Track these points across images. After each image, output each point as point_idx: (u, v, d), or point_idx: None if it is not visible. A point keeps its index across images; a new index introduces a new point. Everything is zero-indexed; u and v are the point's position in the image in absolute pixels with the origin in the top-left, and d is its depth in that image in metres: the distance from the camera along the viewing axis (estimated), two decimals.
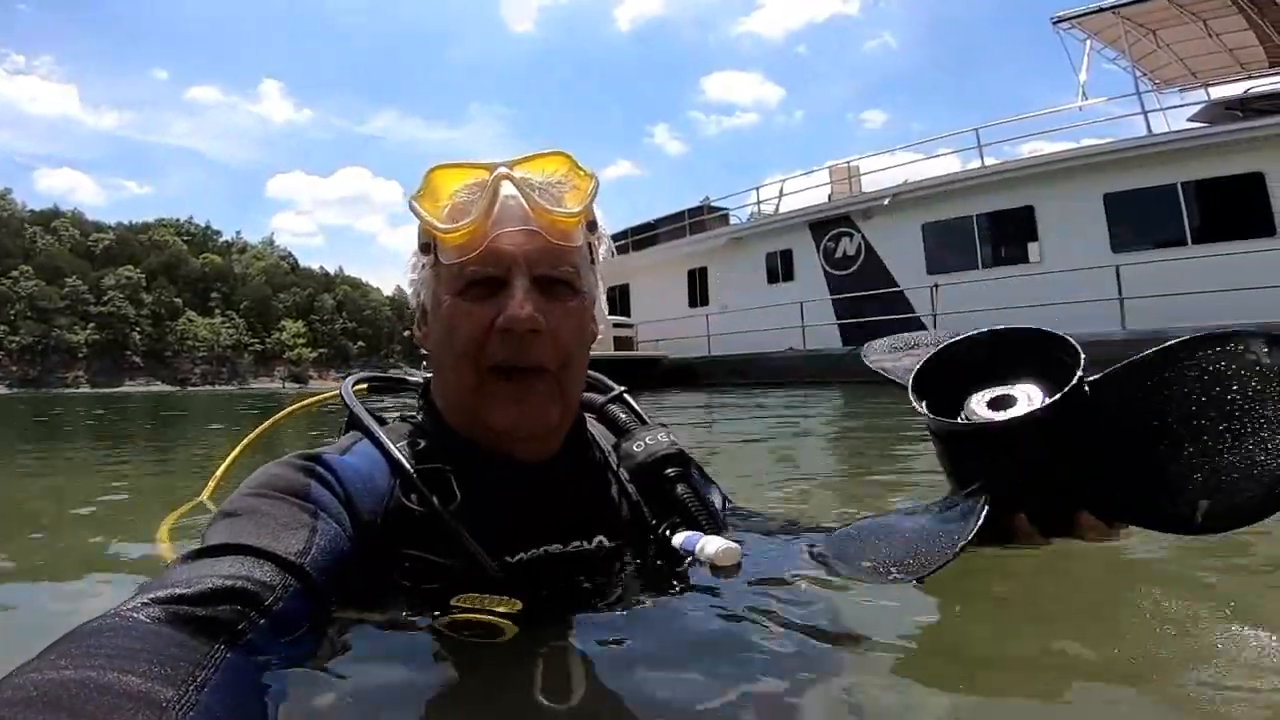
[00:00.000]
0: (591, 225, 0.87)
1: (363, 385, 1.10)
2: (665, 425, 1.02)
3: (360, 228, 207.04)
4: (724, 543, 0.87)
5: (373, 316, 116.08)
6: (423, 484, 0.79)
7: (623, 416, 1.03)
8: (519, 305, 0.78)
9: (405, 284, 0.93)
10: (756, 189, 18.10)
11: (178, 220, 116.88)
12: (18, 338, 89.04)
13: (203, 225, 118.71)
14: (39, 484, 3.12)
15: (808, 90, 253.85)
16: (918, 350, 0.99)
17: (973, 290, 11.84)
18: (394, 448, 0.81)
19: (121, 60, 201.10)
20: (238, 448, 1.52)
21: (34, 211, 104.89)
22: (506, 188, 0.81)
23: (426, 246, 0.85)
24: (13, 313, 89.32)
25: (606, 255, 0.92)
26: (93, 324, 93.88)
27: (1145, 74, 13.79)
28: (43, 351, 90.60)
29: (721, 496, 1.08)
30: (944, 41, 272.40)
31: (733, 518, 1.08)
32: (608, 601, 0.83)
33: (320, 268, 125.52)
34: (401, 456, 0.81)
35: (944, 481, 0.83)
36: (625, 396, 1.06)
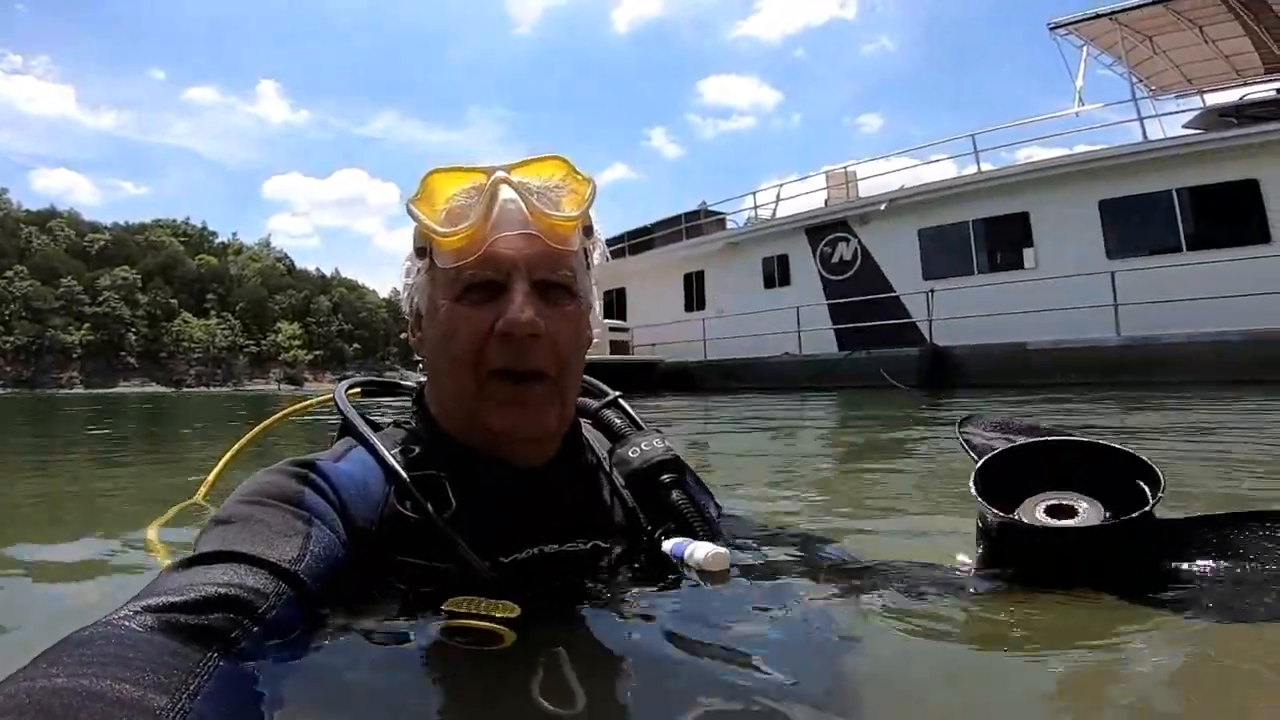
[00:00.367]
0: (588, 230, 0.87)
1: (356, 390, 1.09)
2: (660, 431, 1.02)
3: (357, 229, 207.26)
4: (713, 548, 0.87)
5: (369, 319, 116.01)
6: (418, 491, 0.78)
7: (618, 421, 1.03)
8: (519, 309, 0.77)
9: (400, 287, 0.93)
10: (753, 193, 18.10)
11: (174, 221, 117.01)
12: (12, 338, 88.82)
13: (199, 226, 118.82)
14: (30, 485, 3.09)
15: (805, 94, 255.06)
16: (1005, 436, 1.07)
17: (968, 296, 11.88)
18: (388, 454, 0.81)
19: (119, 60, 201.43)
20: (231, 450, 1.51)
21: (30, 211, 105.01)
22: (505, 191, 0.80)
23: (423, 250, 0.85)
24: (7, 313, 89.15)
25: (601, 260, 0.92)
26: (88, 324, 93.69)
27: (1141, 80, 13.87)
28: (37, 352, 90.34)
29: (715, 504, 1.08)
30: (941, 46, 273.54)
31: (725, 523, 1.08)
32: (602, 605, 0.83)
33: (316, 269, 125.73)
34: (396, 463, 0.80)
35: (943, 486, 0.83)
36: (620, 401, 1.06)
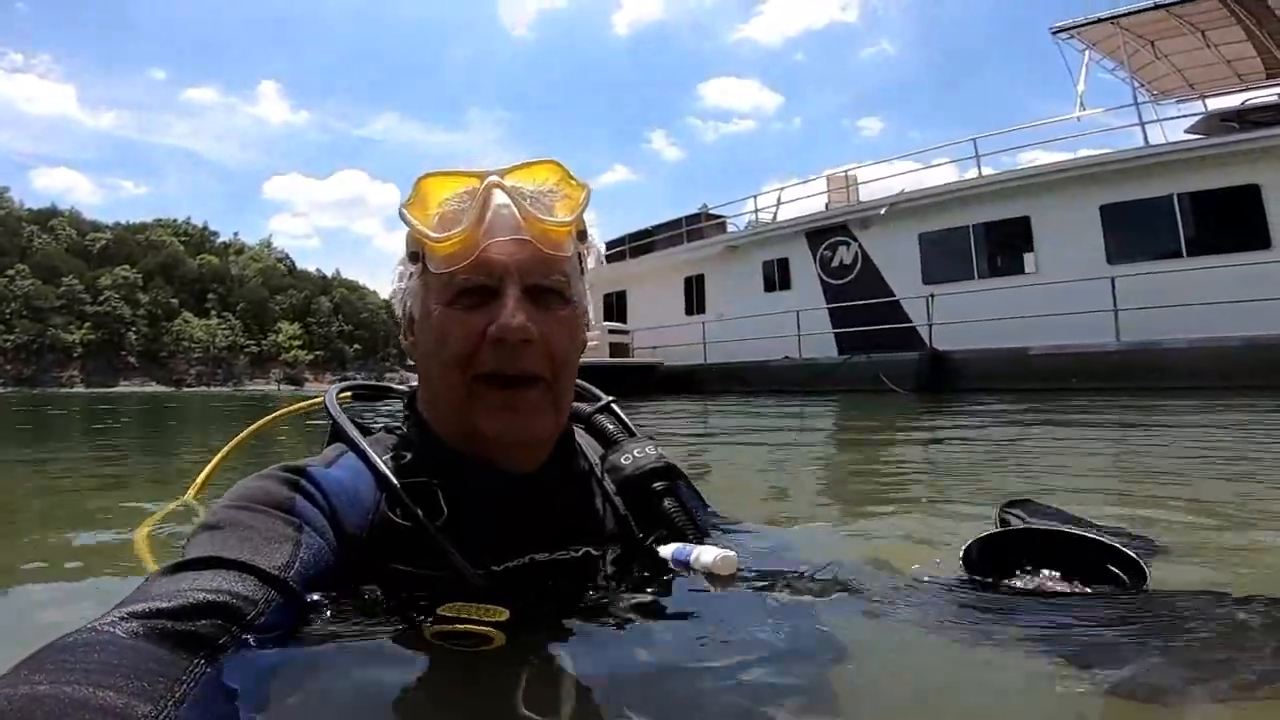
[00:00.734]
0: (581, 235, 0.87)
1: (347, 394, 1.08)
2: (653, 438, 1.01)
3: (357, 230, 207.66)
4: (721, 551, 0.86)
5: (370, 319, 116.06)
6: (409, 498, 0.77)
7: (610, 427, 1.03)
8: (511, 314, 0.77)
9: (394, 291, 0.92)
10: (754, 197, 18.12)
11: (175, 221, 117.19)
12: (13, 336, 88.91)
13: (200, 226, 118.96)
14: (24, 485, 3.09)
15: (805, 97, 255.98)
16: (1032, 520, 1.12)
17: (968, 300, 11.86)
18: (379, 461, 0.80)
19: (120, 60, 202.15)
20: (222, 451, 1.50)
21: (31, 210, 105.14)
22: (498, 196, 0.80)
23: (415, 255, 0.84)
24: (8, 311, 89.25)
25: (596, 264, 0.92)
26: (88, 324, 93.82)
27: (1143, 84, 13.85)
28: (37, 350, 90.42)
29: (708, 510, 1.07)
30: (942, 49, 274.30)
31: (717, 531, 1.07)
32: (593, 611, 0.82)
33: (317, 270, 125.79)
34: (387, 470, 0.79)
35: (941, 489, 0.83)
36: (613, 406, 1.06)
